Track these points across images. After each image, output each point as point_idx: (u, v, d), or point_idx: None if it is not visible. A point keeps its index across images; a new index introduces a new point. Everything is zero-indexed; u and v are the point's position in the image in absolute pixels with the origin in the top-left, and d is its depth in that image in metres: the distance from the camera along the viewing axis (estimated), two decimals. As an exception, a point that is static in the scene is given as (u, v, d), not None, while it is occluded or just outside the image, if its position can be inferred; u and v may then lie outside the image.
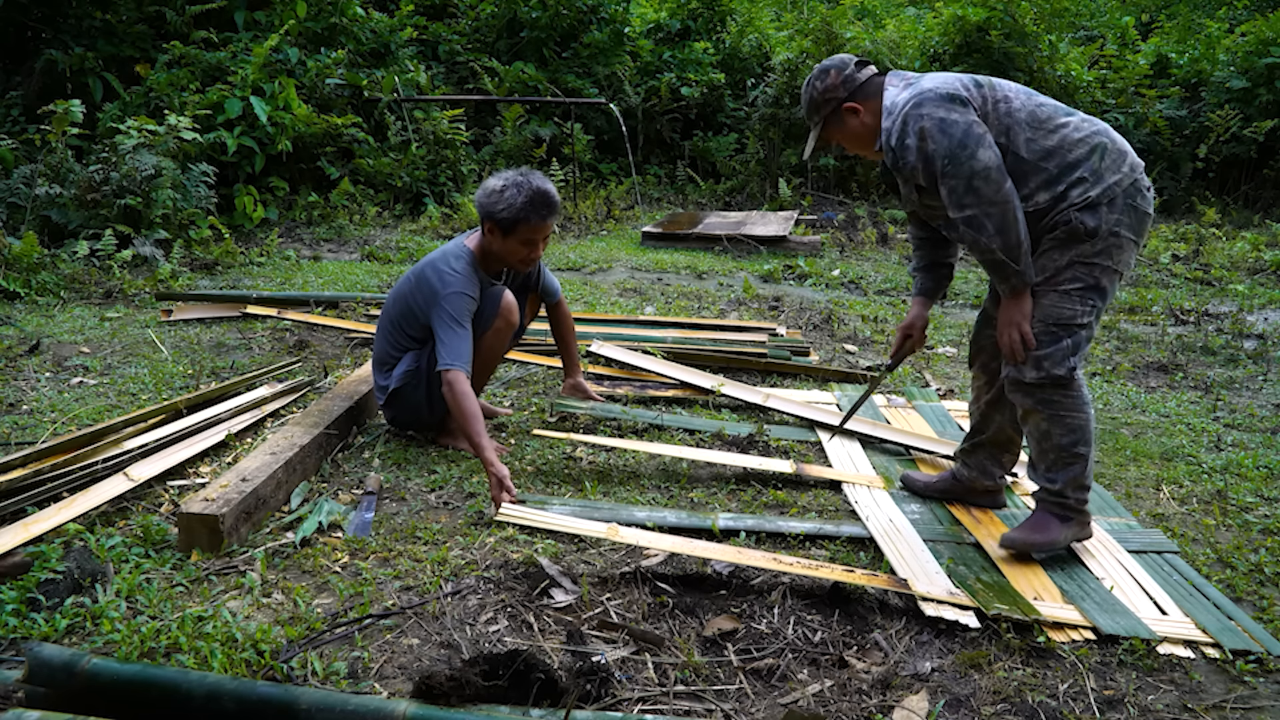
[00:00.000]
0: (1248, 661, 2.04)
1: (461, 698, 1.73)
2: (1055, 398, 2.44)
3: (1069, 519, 2.49)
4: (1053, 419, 2.45)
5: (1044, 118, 2.40)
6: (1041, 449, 2.51)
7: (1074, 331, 2.40)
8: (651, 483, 2.93)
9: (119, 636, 1.95)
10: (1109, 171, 2.37)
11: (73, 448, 2.76)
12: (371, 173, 8.48)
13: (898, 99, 2.42)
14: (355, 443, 3.16)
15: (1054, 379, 2.41)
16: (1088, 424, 2.46)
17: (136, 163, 6.02)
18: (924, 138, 2.33)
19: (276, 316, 4.78)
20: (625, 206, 9.79)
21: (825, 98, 2.55)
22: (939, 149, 2.31)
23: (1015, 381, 2.49)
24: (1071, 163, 2.37)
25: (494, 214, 2.92)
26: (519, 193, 2.91)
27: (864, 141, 2.58)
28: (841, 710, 1.85)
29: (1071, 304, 2.40)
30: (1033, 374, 2.43)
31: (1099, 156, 2.37)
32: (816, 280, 6.43)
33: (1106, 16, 13.99)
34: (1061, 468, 2.47)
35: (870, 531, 2.59)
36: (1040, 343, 2.42)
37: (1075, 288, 2.39)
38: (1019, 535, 2.51)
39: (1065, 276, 2.39)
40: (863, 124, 2.54)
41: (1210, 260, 7.22)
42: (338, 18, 8.92)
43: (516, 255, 3.00)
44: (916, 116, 2.34)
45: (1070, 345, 2.41)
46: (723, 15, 12.54)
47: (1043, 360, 2.41)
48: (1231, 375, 4.37)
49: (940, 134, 2.31)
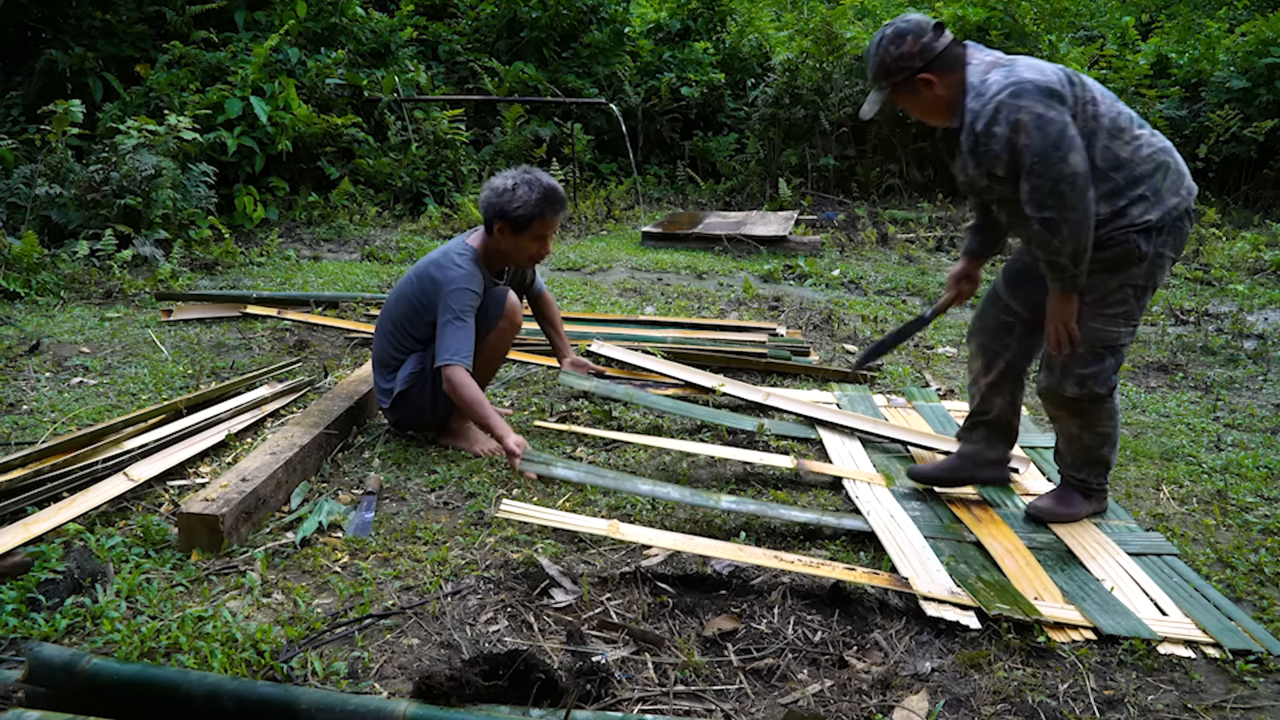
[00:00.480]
0: (1248, 661, 2.04)
1: (461, 698, 1.73)
2: (1091, 411, 2.53)
3: (1090, 495, 2.68)
4: (1084, 427, 2.57)
5: (1123, 126, 2.37)
6: (1070, 446, 2.64)
7: (1117, 352, 2.48)
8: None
9: (119, 636, 1.95)
10: (1169, 193, 2.37)
11: (73, 448, 2.76)
12: (371, 173, 8.48)
13: (989, 80, 2.32)
14: (355, 443, 3.16)
15: (1094, 396, 2.50)
16: (1115, 431, 2.60)
17: (136, 163, 6.02)
18: (1017, 129, 2.25)
19: (276, 316, 4.78)
20: (625, 206, 9.80)
21: (899, 65, 2.42)
22: (1032, 145, 2.24)
23: (1053, 393, 2.53)
24: (1137, 177, 2.35)
25: (508, 212, 2.92)
26: (531, 190, 2.92)
27: (935, 113, 2.50)
28: (841, 710, 1.85)
29: (1116, 326, 2.45)
30: (1074, 390, 2.49)
31: (1162, 175, 2.37)
32: (816, 280, 6.43)
33: (1106, 16, 13.99)
34: (1089, 466, 2.64)
35: (871, 525, 2.60)
36: (1085, 362, 2.47)
37: (1120, 310, 2.43)
38: (1045, 505, 2.69)
39: (1113, 300, 2.42)
40: (936, 97, 2.45)
41: (1210, 260, 7.22)
42: (338, 18, 8.92)
43: (527, 252, 3.02)
44: (1014, 106, 2.25)
45: (1113, 364, 2.49)
46: (723, 15, 12.53)
47: (1086, 379, 2.48)
48: (1231, 375, 4.37)
49: (1036, 130, 2.23)
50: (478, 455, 3.08)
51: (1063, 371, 2.51)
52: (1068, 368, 2.49)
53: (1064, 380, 2.50)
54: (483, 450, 3.09)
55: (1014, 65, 2.34)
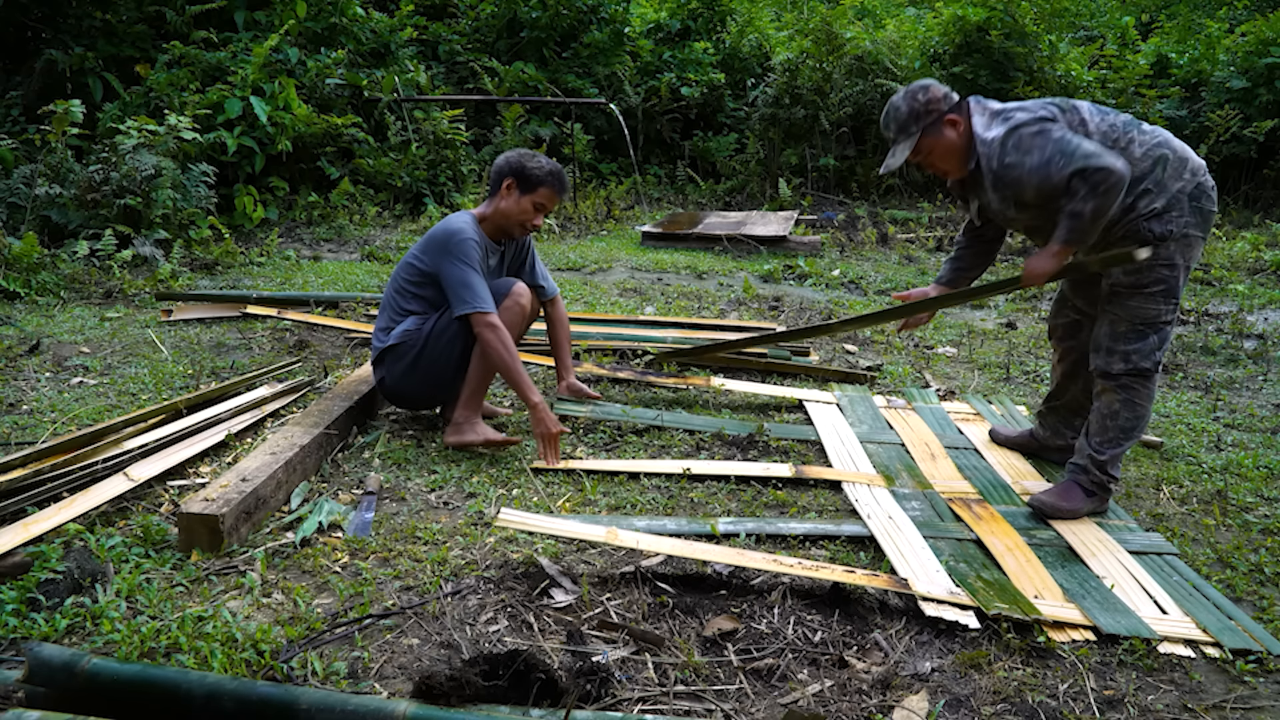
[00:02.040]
0: (1248, 661, 2.04)
1: (461, 698, 1.74)
2: (1135, 385, 2.70)
3: (1093, 494, 2.75)
4: (1126, 403, 2.71)
5: (1115, 137, 2.60)
6: (1104, 425, 2.75)
7: (1160, 329, 2.66)
8: (651, 483, 2.93)
9: (119, 636, 1.95)
10: (1171, 180, 2.58)
11: (73, 448, 2.76)
12: (371, 173, 8.48)
13: (992, 130, 2.63)
14: (355, 443, 3.16)
15: (1140, 371, 2.67)
16: (1148, 414, 2.75)
17: (136, 163, 6.02)
18: (1029, 151, 2.53)
19: (276, 316, 4.78)
20: (625, 206, 9.80)
21: (929, 108, 2.71)
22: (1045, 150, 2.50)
23: (1103, 372, 2.74)
24: (1137, 176, 2.57)
25: (526, 167, 3.05)
26: (547, 162, 3.11)
27: (953, 158, 2.75)
28: (841, 710, 1.85)
29: (1155, 304, 2.64)
30: (1120, 366, 2.69)
31: (1162, 168, 2.58)
32: (816, 280, 6.43)
33: (1106, 16, 13.99)
34: (1114, 445, 2.73)
35: (870, 530, 2.59)
36: (1128, 339, 2.67)
37: (1158, 289, 2.62)
38: (1048, 499, 2.77)
39: (1149, 279, 2.61)
40: (956, 140, 2.72)
41: (1210, 260, 7.21)
42: (338, 18, 8.92)
43: (523, 216, 3.10)
44: (1017, 137, 2.56)
45: (1156, 341, 2.66)
46: (723, 15, 12.54)
47: (1131, 354, 2.67)
48: (1231, 375, 4.37)
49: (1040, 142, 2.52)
50: (483, 448, 3.07)
51: (1108, 351, 2.71)
52: (1114, 346, 2.69)
53: (1110, 359, 2.70)
54: (488, 441, 3.06)
55: (1009, 113, 2.65)
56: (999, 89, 10.46)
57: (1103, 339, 2.72)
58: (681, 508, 2.76)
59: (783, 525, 2.61)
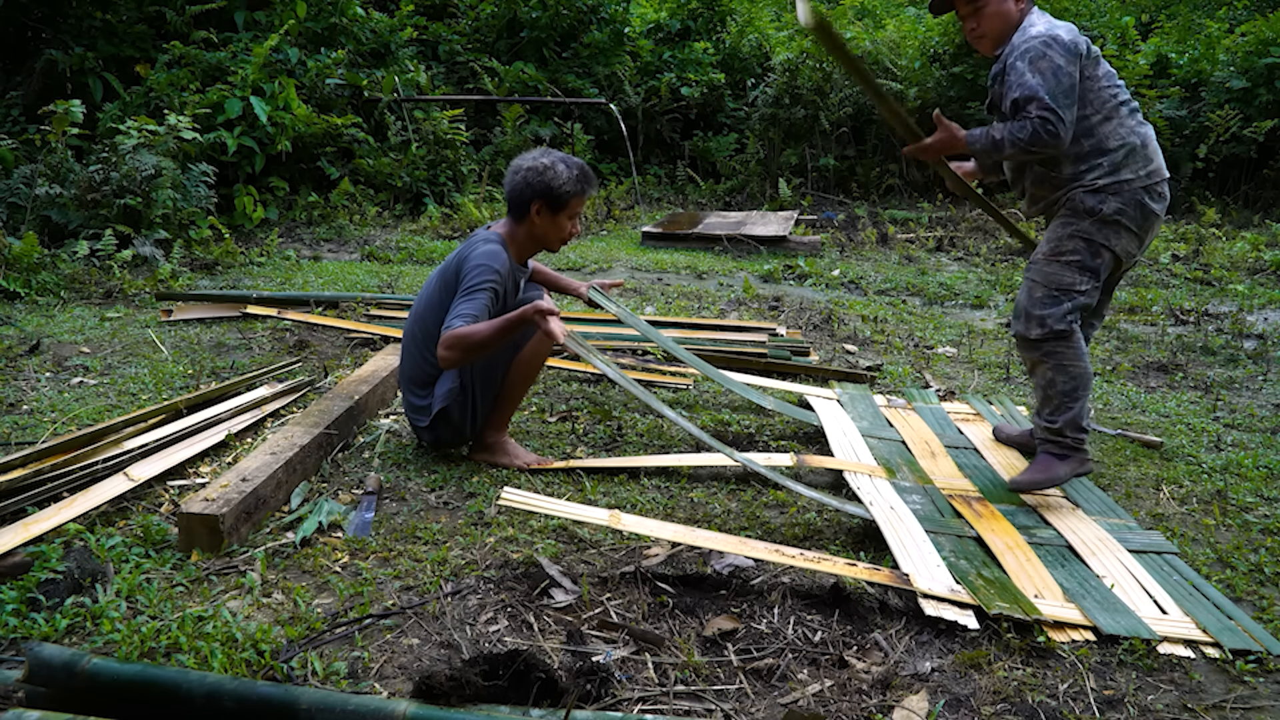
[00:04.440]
0: (1248, 661, 2.04)
1: (461, 698, 1.73)
2: (1059, 349, 2.78)
3: (1067, 456, 2.83)
4: (1057, 368, 2.79)
5: (1108, 109, 2.71)
6: (1046, 395, 2.84)
7: (1072, 296, 2.77)
8: (651, 482, 2.93)
9: (119, 636, 1.94)
10: (1125, 169, 2.71)
11: (73, 448, 2.76)
12: (371, 173, 8.48)
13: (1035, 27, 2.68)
14: (355, 443, 3.16)
15: (1056, 333, 2.77)
16: (1086, 371, 2.81)
17: (136, 163, 6.02)
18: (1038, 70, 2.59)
19: (276, 316, 4.78)
20: (625, 206, 9.79)
21: None
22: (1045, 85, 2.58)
23: (1022, 338, 2.85)
24: (1100, 149, 2.70)
25: (552, 188, 2.79)
26: (569, 167, 2.82)
27: (1000, 29, 2.77)
28: (841, 710, 1.85)
29: (1071, 273, 2.76)
30: (1038, 331, 2.79)
31: (1124, 154, 2.71)
32: (816, 280, 6.43)
33: (1106, 17, 13.98)
34: (1063, 411, 2.81)
35: (873, 515, 2.60)
36: (1043, 304, 2.78)
37: (1074, 259, 2.76)
38: (1025, 478, 2.85)
39: (1066, 248, 2.76)
40: (1014, 12, 2.76)
41: (1210, 260, 7.21)
42: (338, 18, 8.92)
43: (561, 232, 2.88)
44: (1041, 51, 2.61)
45: (1070, 307, 2.77)
46: (723, 15, 12.54)
47: (1046, 319, 2.78)
48: (1231, 375, 4.37)
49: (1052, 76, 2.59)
50: (520, 469, 2.96)
51: (1026, 316, 2.82)
52: (1030, 311, 2.80)
53: (1028, 324, 2.81)
54: (523, 464, 2.97)
55: (1055, 24, 2.70)
56: (999, 89, 10.45)
57: (1021, 303, 2.84)
58: (681, 507, 2.76)
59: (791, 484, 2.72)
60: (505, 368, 2.93)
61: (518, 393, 2.99)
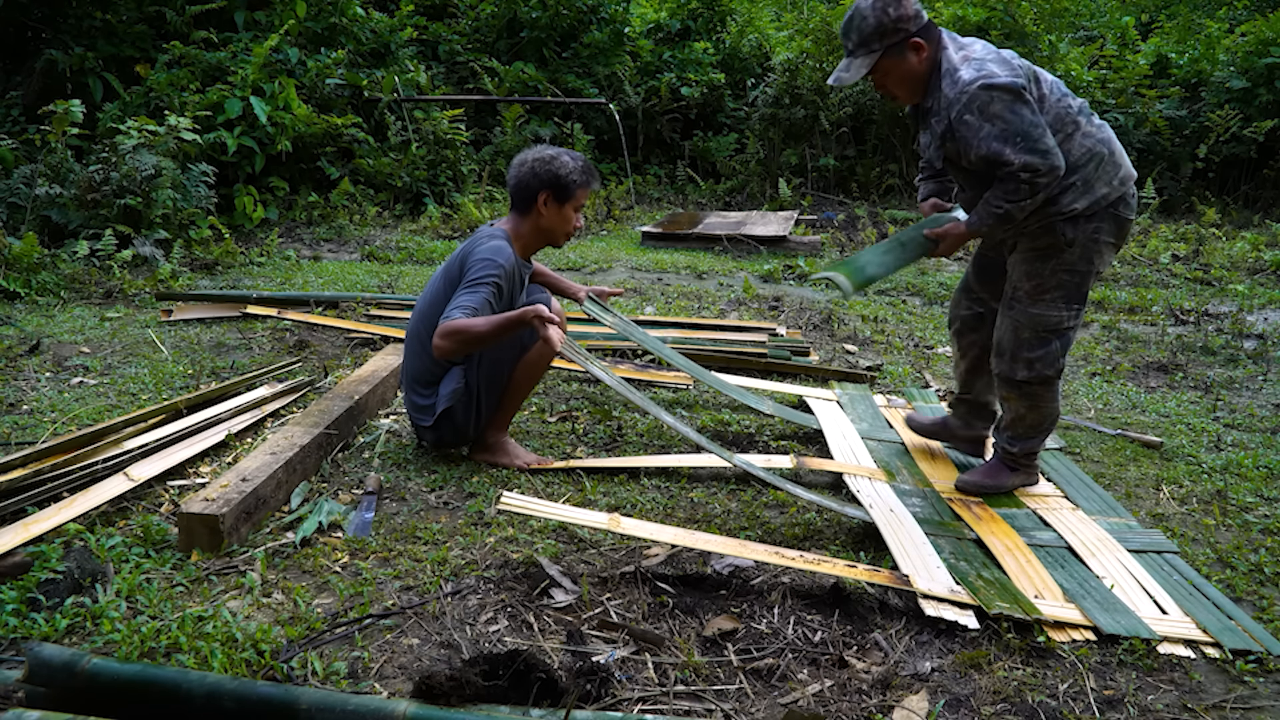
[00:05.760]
0: (1248, 661, 2.04)
1: (461, 698, 1.73)
2: (1039, 392, 2.71)
3: (1018, 469, 2.85)
4: (1031, 408, 2.73)
5: (1065, 124, 2.54)
6: (1013, 423, 2.79)
7: (1062, 334, 2.65)
8: (651, 482, 2.93)
9: (119, 636, 1.95)
10: (1100, 183, 2.54)
11: (73, 448, 2.76)
12: (371, 173, 8.48)
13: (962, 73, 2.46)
14: (355, 443, 3.16)
15: (1044, 378, 2.68)
16: (1056, 412, 2.77)
17: (136, 163, 6.02)
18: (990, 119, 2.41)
19: (276, 316, 4.78)
20: (625, 206, 9.80)
21: (897, 25, 2.50)
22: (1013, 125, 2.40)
23: (1006, 379, 2.72)
24: (1070, 166, 2.52)
25: (560, 178, 2.80)
26: (574, 159, 2.85)
27: (911, 84, 2.59)
28: (841, 710, 1.85)
29: (1058, 310, 2.63)
30: (1024, 373, 2.68)
31: (1095, 166, 2.54)
32: (817, 280, 6.42)
33: (1106, 16, 13.98)
34: (1024, 440, 2.79)
35: (873, 517, 2.60)
36: (1032, 346, 2.66)
37: (1059, 295, 2.62)
38: (973, 479, 2.86)
39: (1049, 284, 2.61)
40: (918, 67, 2.55)
41: (1210, 260, 7.21)
42: (338, 18, 8.92)
43: (567, 225, 2.89)
44: (986, 99, 2.41)
45: (1059, 347, 2.66)
46: (723, 15, 12.53)
47: (1035, 362, 2.66)
48: (1231, 375, 4.37)
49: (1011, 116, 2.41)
50: (520, 469, 2.95)
51: (1012, 357, 2.69)
52: (1017, 353, 2.68)
53: (1014, 365, 2.69)
54: (523, 464, 2.97)
55: (983, 61, 2.48)
56: (999, 89, 10.43)
57: (1006, 344, 2.69)
58: (681, 507, 2.76)
59: (791, 487, 2.71)
60: (510, 368, 2.93)
61: (521, 393, 2.99)
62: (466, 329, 2.62)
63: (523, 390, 2.98)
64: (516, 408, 3.03)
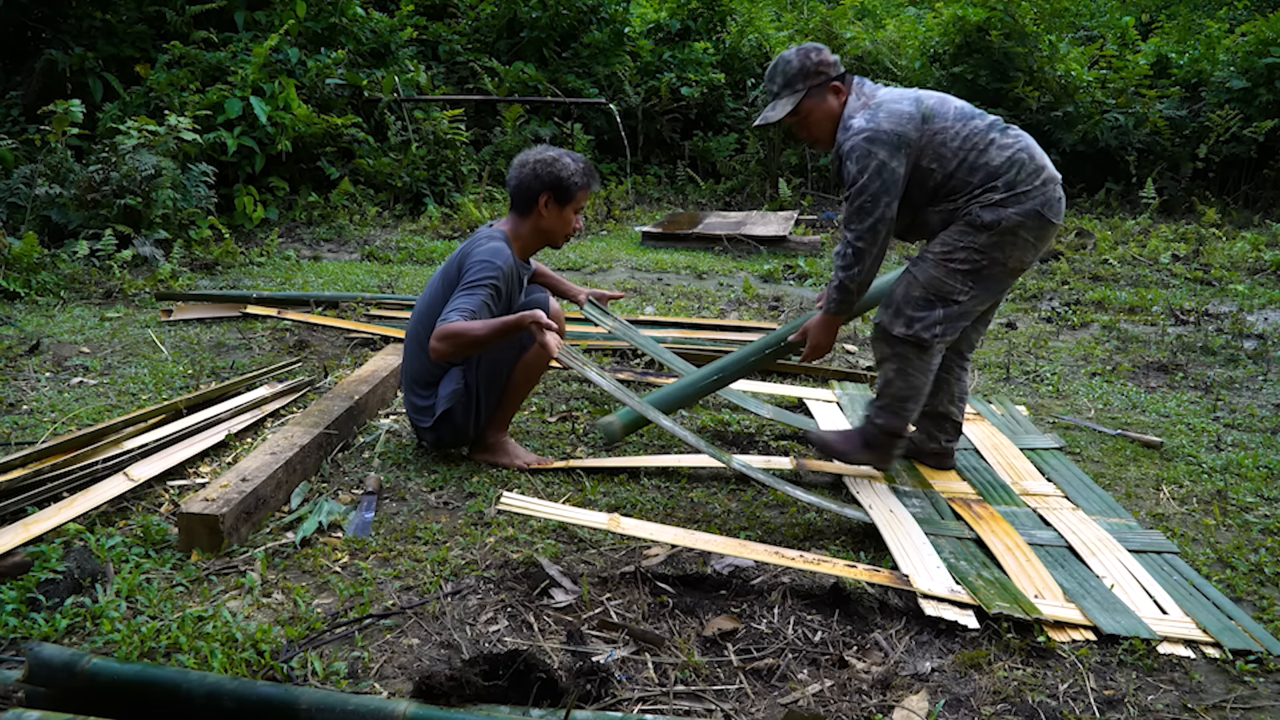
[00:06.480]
0: (1248, 661, 2.04)
1: (461, 698, 1.73)
2: (909, 355, 2.74)
3: (874, 447, 2.87)
4: (900, 372, 2.76)
5: (976, 142, 2.66)
6: (882, 390, 2.82)
7: (949, 304, 2.70)
8: (652, 482, 2.93)
9: (119, 636, 1.94)
10: (1021, 184, 2.64)
11: (73, 448, 2.76)
12: (371, 173, 8.48)
13: (855, 120, 2.65)
14: (355, 443, 3.16)
15: (917, 340, 2.72)
16: (925, 387, 2.79)
17: (136, 163, 6.02)
18: (864, 170, 2.60)
19: (276, 316, 4.78)
20: (625, 206, 9.80)
21: (819, 69, 2.71)
22: (870, 187, 2.60)
23: (882, 329, 2.79)
24: (990, 173, 2.65)
25: (562, 179, 2.81)
26: (575, 160, 2.86)
27: (829, 126, 2.76)
28: (841, 710, 1.85)
29: (954, 280, 2.69)
30: (901, 329, 2.73)
31: (1016, 170, 2.65)
32: (817, 280, 6.43)
33: (1106, 16, 13.98)
34: (888, 413, 2.81)
35: (872, 518, 2.60)
36: (918, 305, 2.72)
37: (962, 268, 2.68)
38: (830, 438, 2.92)
39: (957, 256, 2.68)
40: (833, 110, 2.74)
41: (1210, 260, 7.21)
42: (338, 18, 8.92)
43: (567, 226, 2.90)
44: (866, 150, 2.59)
45: (941, 315, 2.71)
46: (723, 15, 12.54)
47: (914, 321, 2.72)
48: (1231, 375, 4.37)
49: (876, 175, 2.59)
50: (520, 469, 2.95)
51: (896, 311, 2.75)
52: (902, 308, 2.74)
53: (895, 319, 2.74)
54: (523, 464, 2.97)
55: (878, 110, 2.64)
56: (999, 89, 10.46)
57: (897, 295, 2.77)
58: (681, 507, 2.76)
59: (790, 489, 2.69)
60: (509, 368, 2.93)
61: (520, 393, 2.99)
62: (463, 332, 2.62)
63: (522, 390, 2.98)
64: (516, 408, 3.02)
